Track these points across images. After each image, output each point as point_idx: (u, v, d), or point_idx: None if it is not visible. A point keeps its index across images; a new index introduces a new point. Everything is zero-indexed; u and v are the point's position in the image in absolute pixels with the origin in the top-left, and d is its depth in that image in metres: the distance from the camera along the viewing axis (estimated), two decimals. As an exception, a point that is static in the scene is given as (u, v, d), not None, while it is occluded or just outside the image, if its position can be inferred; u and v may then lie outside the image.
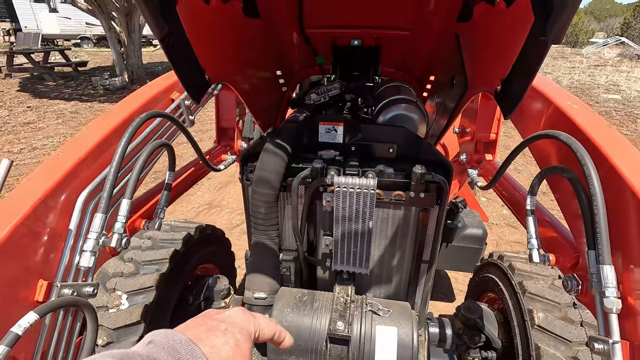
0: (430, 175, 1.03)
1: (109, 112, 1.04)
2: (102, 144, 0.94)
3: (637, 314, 0.70)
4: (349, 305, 1.05)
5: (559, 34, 0.63)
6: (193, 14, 0.88)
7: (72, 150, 0.89)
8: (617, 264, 0.76)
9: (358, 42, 1.76)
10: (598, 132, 0.86)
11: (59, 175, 0.82)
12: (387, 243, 1.16)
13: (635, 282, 0.71)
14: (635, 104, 9.08)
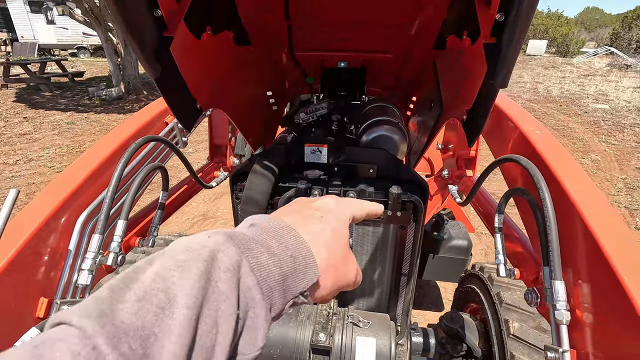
0: (406, 195, 1.11)
1: (107, 136, 1.12)
2: (100, 168, 1.01)
3: (584, 325, 0.78)
4: (331, 317, 1.12)
5: (504, 79, 0.72)
6: (186, 51, 0.96)
7: (72, 174, 0.96)
8: (568, 279, 0.84)
9: (344, 64, 1.85)
10: (553, 157, 0.95)
11: (60, 198, 0.89)
12: (368, 258, 1.23)
13: (583, 296, 0.79)
14: (622, 114, 9.30)
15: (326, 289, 0.45)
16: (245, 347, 0.35)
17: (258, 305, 0.36)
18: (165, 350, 0.27)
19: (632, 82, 14.55)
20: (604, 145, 6.76)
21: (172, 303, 0.29)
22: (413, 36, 1.53)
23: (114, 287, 0.30)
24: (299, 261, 0.41)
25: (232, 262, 0.35)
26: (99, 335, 0.26)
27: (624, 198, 4.64)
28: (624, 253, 0.71)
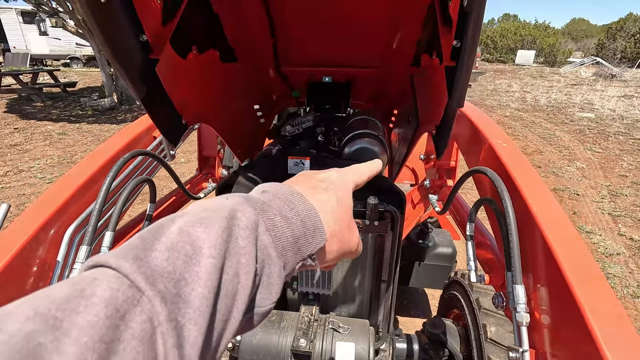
0: (383, 205, 1.16)
1: (97, 150, 1.16)
2: (89, 182, 1.06)
3: (542, 326, 0.83)
4: (312, 323, 1.16)
5: (459, 100, 0.79)
6: (171, 71, 1.01)
7: (61, 187, 1.00)
8: (529, 284, 0.90)
9: (329, 79, 1.93)
10: (516, 169, 1.02)
11: (49, 211, 0.93)
12: (349, 266, 1.28)
13: (541, 300, 0.85)
14: (607, 122, 9.54)
15: (332, 253, 0.48)
16: (261, 300, 0.38)
17: (273, 262, 0.39)
18: (195, 292, 0.30)
19: (616, 91, 14.94)
20: (589, 153, 6.93)
21: (198, 253, 0.32)
22: (392, 53, 1.61)
23: (144, 237, 0.32)
24: (309, 226, 0.43)
25: (250, 221, 0.37)
26: (137, 274, 0.28)
27: (608, 205, 4.76)
28: (573, 260, 0.77)
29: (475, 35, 0.65)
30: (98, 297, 0.25)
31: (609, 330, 0.64)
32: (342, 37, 1.59)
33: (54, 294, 0.25)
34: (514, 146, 1.14)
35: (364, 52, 1.70)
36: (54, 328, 0.23)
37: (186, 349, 0.29)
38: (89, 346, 0.23)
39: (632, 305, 2.97)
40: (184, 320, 0.29)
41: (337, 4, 1.36)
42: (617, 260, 3.57)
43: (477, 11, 0.61)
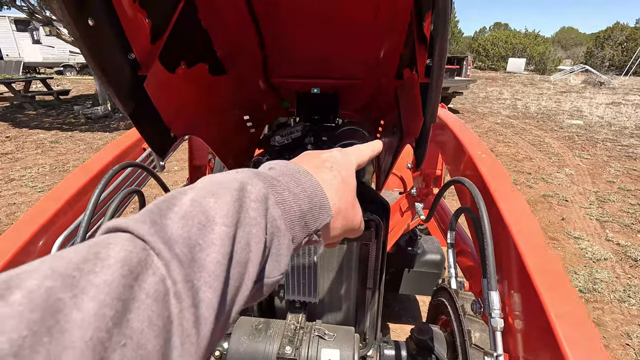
0: (367, 214, 1.20)
1: (87, 162, 1.19)
2: (79, 194, 1.08)
3: (515, 331, 0.87)
4: (298, 331, 1.18)
5: (432, 115, 0.83)
6: (160, 86, 1.05)
7: (51, 200, 1.03)
8: (503, 290, 0.94)
9: (317, 90, 1.97)
10: (493, 179, 1.06)
11: (38, 223, 0.95)
12: (334, 274, 1.31)
13: (515, 305, 0.89)
14: (596, 129, 9.72)
15: (336, 230, 0.50)
16: (270, 271, 0.39)
17: (282, 234, 0.40)
18: (210, 257, 0.31)
19: (605, 98, 15.24)
20: (578, 160, 7.05)
21: (211, 222, 0.33)
22: (377, 66, 1.66)
23: (159, 205, 0.33)
24: (315, 202, 0.44)
25: (260, 194, 0.38)
26: (154, 237, 0.29)
27: (596, 210, 4.84)
28: (542, 267, 0.81)
29: (441, 56, 0.70)
30: (114, 258, 0.26)
31: (573, 334, 0.68)
32: (329, 50, 1.64)
33: (71, 256, 0.26)
34: (492, 157, 1.19)
35: (350, 65, 1.75)
36: (72, 286, 0.24)
37: (202, 310, 0.30)
38: (107, 303, 0.24)
39: (619, 309, 3.02)
40: (199, 283, 0.30)
41: (323, 21, 1.40)
42: (605, 265, 3.63)
43: (442, 35, 0.65)
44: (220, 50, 1.48)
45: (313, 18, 1.44)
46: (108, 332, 0.23)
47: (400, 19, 1.25)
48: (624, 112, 12.28)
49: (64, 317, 0.22)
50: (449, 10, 0.59)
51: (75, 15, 0.64)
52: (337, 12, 1.40)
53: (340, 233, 0.51)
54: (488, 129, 9.75)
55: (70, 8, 0.62)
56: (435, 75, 0.73)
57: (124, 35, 0.84)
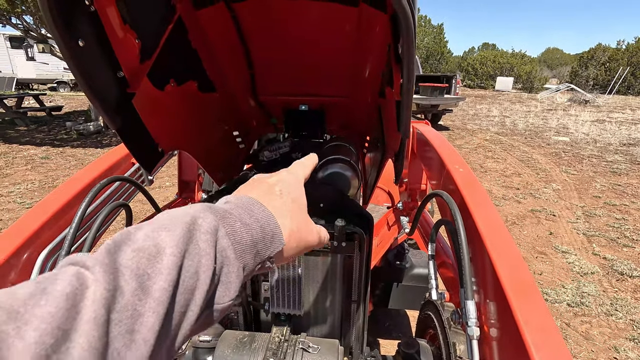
0: (350, 227, 1.23)
1: (75, 176, 1.21)
2: (65, 207, 1.10)
3: (491, 339, 0.89)
4: (283, 344, 1.19)
5: (405, 131, 0.88)
6: (148, 102, 1.08)
7: (36, 213, 1.04)
8: (480, 299, 0.96)
9: (305, 107, 2.03)
10: (469, 192, 1.10)
11: (22, 237, 0.96)
12: (319, 286, 1.33)
13: (490, 314, 0.91)
14: (581, 146, 9.96)
15: (290, 251, 0.52)
16: (220, 297, 0.42)
17: (231, 263, 0.43)
18: (156, 285, 0.34)
19: (590, 116, 15.67)
20: (565, 175, 7.20)
21: (161, 252, 0.36)
22: (360, 85, 1.73)
23: (116, 239, 0.36)
24: (267, 231, 0.47)
25: (210, 227, 0.41)
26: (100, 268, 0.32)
27: (583, 225, 4.92)
28: (512, 276, 0.85)
29: (409, 76, 0.75)
30: (59, 292, 0.28)
31: (539, 338, 0.71)
32: (315, 69, 1.70)
33: (20, 292, 0.28)
34: (469, 170, 1.24)
35: (334, 83, 1.81)
36: (17, 319, 0.25)
37: (142, 333, 0.32)
38: (47, 332, 0.26)
39: (606, 323, 3.04)
40: (143, 309, 0.33)
41: (308, 42, 1.47)
42: (592, 279, 3.67)
43: (407, 59, 0.70)
44: (209, 69, 1.53)
45: (299, 40, 1.51)
46: (47, 358, 0.25)
47: (380, 40, 1.32)
48: (608, 129, 12.63)
49: (7, 346, 0.24)
50: (413, 33, 0.65)
51: (65, 36, 0.67)
52: (321, 34, 1.46)
53: (295, 252, 0.54)
54: (477, 145, 9.93)
55: (60, 29, 0.66)
56: (405, 93, 0.78)
57: (113, 55, 0.88)
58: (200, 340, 1.25)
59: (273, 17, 1.42)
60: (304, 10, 1.35)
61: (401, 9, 0.59)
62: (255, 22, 1.43)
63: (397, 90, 0.93)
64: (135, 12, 0.96)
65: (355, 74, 1.71)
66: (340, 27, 1.41)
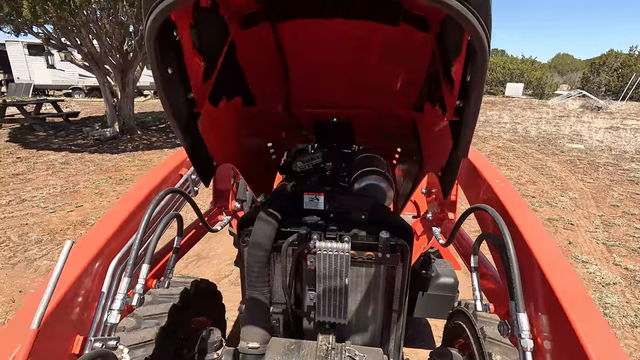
0: (394, 239, 1.27)
1: (133, 189, 1.28)
2: (129, 219, 1.16)
3: (545, 351, 0.92)
4: (330, 352, 1.23)
5: (464, 151, 0.92)
6: (207, 120, 1.15)
7: (104, 224, 1.11)
8: (531, 312, 1.00)
9: (335, 119, 2.09)
10: (512, 206, 1.14)
11: (96, 247, 1.03)
12: (362, 296, 1.37)
13: (543, 326, 0.95)
14: (596, 153, 9.86)
15: None
16: None
17: None
18: None
19: (603, 123, 15.49)
20: (581, 184, 7.13)
21: None
22: (394, 100, 1.78)
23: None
24: None
25: None
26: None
27: (602, 234, 4.88)
28: (567, 288, 0.88)
29: (477, 103, 0.79)
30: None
31: (602, 350, 0.74)
32: (346, 83, 1.76)
33: None
34: (509, 185, 1.27)
35: (365, 96, 1.87)
36: None
37: None
38: None
39: (632, 335, 3.02)
40: None
41: (342, 58, 1.53)
42: (614, 289, 3.64)
43: (478, 88, 0.75)
44: (251, 84, 1.60)
45: (335, 55, 1.57)
46: None
47: (418, 57, 1.37)
48: (623, 136, 12.47)
49: None
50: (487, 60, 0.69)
51: (162, 66, 0.74)
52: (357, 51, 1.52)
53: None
54: (490, 152, 9.90)
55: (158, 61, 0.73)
56: (471, 116, 0.83)
57: (187, 78, 0.95)
58: (249, 347, 1.30)
59: (312, 34, 1.48)
60: (343, 28, 1.41)
61: (476, 36, 0.63)
62: (295, 39, 1.50)
63: (450, 111, 0.97)
64: (201, 35, 1.03)
65: (387, 88, 1.76)
66: (376, 44, 1.46)
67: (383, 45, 1.45)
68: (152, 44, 0.66)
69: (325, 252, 1.22)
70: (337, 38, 1.47)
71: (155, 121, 14.16)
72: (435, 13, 1.16)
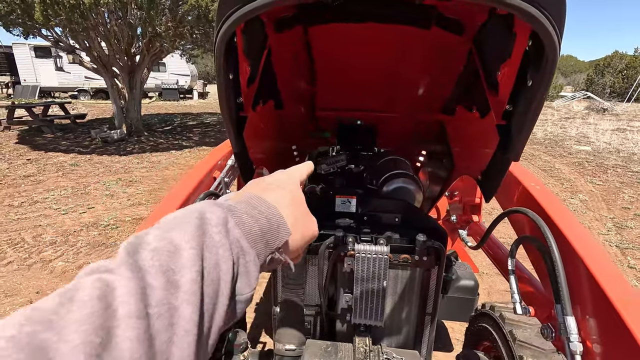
0: (431, 242, 1.28)
1: (172, 192, 1.29)
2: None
3: (595, 355, 0.93)
4: (369, 354, 1.24)
5: (517, 155, 0.93)
6: (249, 123, 1.16)
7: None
8: (577, 315, 1.00)
9: (359, 122, 2.10)
10: (553, 209, 1.14)
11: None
12: (397, 299, 1.37)
13: (591, 329, 0.95)
14: (604, 155, 9.82)
15: (296, 242, 0.52)
16: (241, 288, 0.42)
17: (247, 252, 0.42)
18: (184, 278, 0.34)
19: (609, 124, 15.43)
20: (590, 186, 7.11)
21: (179, 248, 0.36)
22: (420, 102, 1.79)
23: (128, 248, 0.35)
24: (273, 222, 0.47)
25: (219, 219, 0.41)
26: (125, 270, 0.31)
27: (614, 237, 4.86)
28: (619, 289, 0.88)
29: (538, 109, 0.80)
30: (88, 296, 0.28)
31: (663, 355, 0.75)
32: (371, 86, 1.77)
33: (45, 305, 0.27)
34: (546, 188, 1.28)
35: (390, 99, 1.88)
36: (52, 328, 0.25)
37: (182, 325, 0.32)
38: (90, 332, 0.26)
39: (650, 338, 3.00)
40: (177, 302, 0.32)
41: (371, 61, 1.54)
42: (630, 292, 3.62)
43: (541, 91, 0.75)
44: (282, 88, 1.62)
45: (363, 59, 1.58)
46: (98, 357, 0.25)
47: (449, 60, 1.37)
48: (630, 138, 12.42)
49: (53, 351, 0.24)
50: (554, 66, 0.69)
51: (226, 73, 0.76)
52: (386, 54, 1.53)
53: (301, 244, 0.54)
54: (497, 154, 9.86)
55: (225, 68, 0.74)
56: (529, 123, 0.83)
57: (239, 83, 0.96)
58: (286, 349, 1.30)
59: (343, 38, 1.49)
60: (374, 32, 1.42)
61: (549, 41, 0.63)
62: (325, 42, 1.51)
63: (498, 116, 0.98)
64: (247, 40, 1.05)
65: (416, 91, 1.77)
66: (406, 48, 1.47)
67: (413, 48, 1.46)
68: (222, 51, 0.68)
69: (364, 255, 1.23)
70: (367, 41, 1.48)
71: (161, 123, 14.24)
72: (473, 16, 1.17)
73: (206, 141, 11.12)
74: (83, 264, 3.96)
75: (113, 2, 8.01)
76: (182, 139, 11.49)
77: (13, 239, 4.46)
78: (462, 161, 1.42)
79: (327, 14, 1.32)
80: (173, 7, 8.94)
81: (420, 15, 1.27)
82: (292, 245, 0.51)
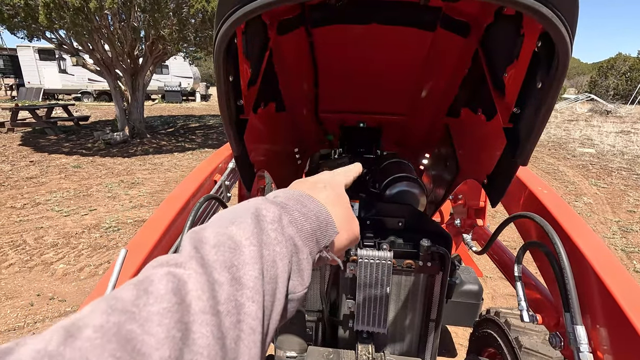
0: (435, 247, 1.25)
1: (172, 195, 1.27)
2: (170, 225, 1.16)
3: (605, 365, 0.90)
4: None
5: (525, 159, 0.90)
6: (249, 126, 1.14)
7: (148, 232, 1.10)
8: (587, 324, 0.97)
9: (363, 124, 2.08)
10: (561, 214, 1.12)
11: (142, 256, 1.02)
12: (401, 305, 1.35)
13: (602, 339, 0.92)
14: (608, 158, 9.75)
15: (341, 242, 0.53)
16: (295, 286, 0.42)
17: (300, 250, 0.42)
18: (247, 275, 0.34)
19: (613, 127, 15.34)
20: (595, 189, 7.05)
21: (239, 245, 0.36)
22: (424, 105, 1.76)
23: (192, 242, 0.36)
24: (322, 220, 0.47)
25: (274, 216, 0.41)
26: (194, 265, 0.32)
27: (620, 241, 4.80)
28: (632, 298, 0.85)
29: (548, 112, 0.77)
30: (163, 290, 0.29)
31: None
32: (375, 88, 1.75)
33: (124, 295, 0.28)
34: (553, 192, 1.25)
35: (394, 101, 1.86)
36: (135, 319, 0.26)
37: (248, 322, 0.32)
38: (172, 326, 0.26)
39: (657, 344, 2.95)
40: (242, 299, 0.33)
41: (374, 63, 1.52)
42: (636, 297, 3.57)
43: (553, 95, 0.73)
44: (284, 90, 1.60)
45: (367, 61, 1.56)
46: (180, 351, 0.26)
47: (453, 62, 1.35)
48: (634, 140, 12.33)
49: (140, 343, 0.25)
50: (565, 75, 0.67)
51: (225, 75, 0.74)
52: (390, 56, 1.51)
53: (345, 244, 0.55)
54: (500, 157, 9.81)
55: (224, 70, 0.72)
56: (538, 126, 0.81)
57: (239, 85, 0.94)
58: (287, 356, 1.28)
59: (347, 40, 1.47)
60: (378, 34, 1.40)
61: (562, 42, 0.61)
62: (329, 44, 1.49)
63: (504, 118, 0.95)
64: (248, 42, 1.03)
65: (417, 93, 1.75)
66: (410, 50, 1.45)
67: (417, 50, 1.44)
68: (221, 52, 0.66)
69: (366, 260, 1.20)
70: (370, 43, 1.46)
71: (164, 125, 14.27)
72: (479, 18, 1.15)
73: (209, 143, 11.13)
74: (84, 266, 3.95)
75: (117, 6, 8.05)
76: (184, 141, 11.51)
77: (15, 241, 4.45)
78: (467, 164, 1.40)
79: (330, 15, 1.30)
80: (177, 10, 8.97)
81: (426, 16, 1.25)
82: (337, 244, 0.52)
